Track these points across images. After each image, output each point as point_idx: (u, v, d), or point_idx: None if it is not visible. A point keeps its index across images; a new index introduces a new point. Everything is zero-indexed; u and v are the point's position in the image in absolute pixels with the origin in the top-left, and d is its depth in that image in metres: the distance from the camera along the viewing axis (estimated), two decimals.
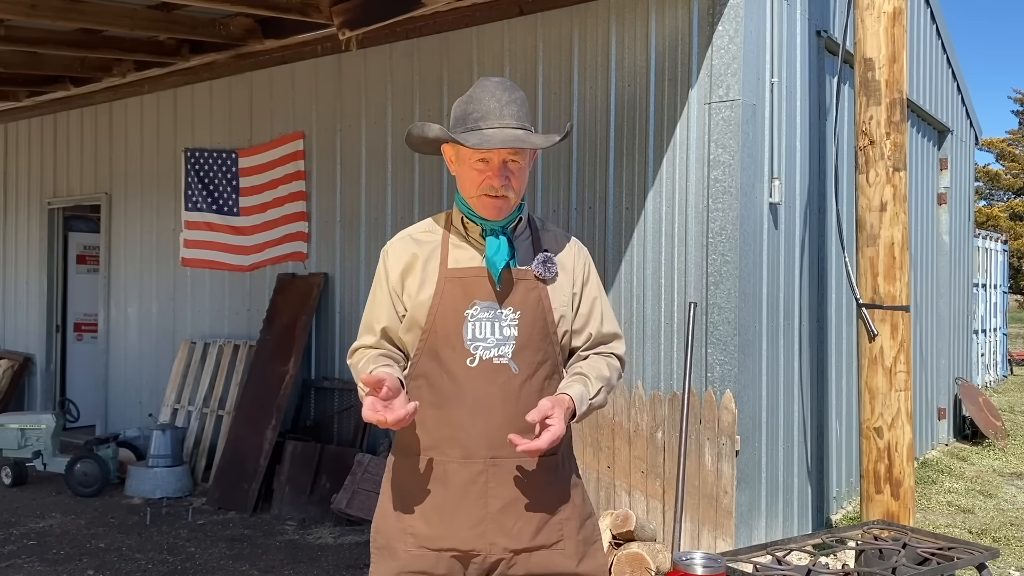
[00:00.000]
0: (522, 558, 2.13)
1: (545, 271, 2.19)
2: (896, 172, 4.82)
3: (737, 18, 4.85)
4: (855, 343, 5.14)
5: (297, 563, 5.16)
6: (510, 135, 2.09)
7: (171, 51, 6.96)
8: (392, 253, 2.24)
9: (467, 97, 2.16)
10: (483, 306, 2.15)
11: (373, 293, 2.27)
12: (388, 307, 2.22)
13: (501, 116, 2.10)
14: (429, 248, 2.21)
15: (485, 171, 2.11)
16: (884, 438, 4.79)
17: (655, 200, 5.14)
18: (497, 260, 2.14)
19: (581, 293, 2.26)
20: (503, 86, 2.15)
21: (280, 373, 6.54)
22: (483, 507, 2.11)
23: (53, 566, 5.11)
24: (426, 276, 2.18)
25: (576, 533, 2.20)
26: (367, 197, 6.54)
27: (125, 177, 8.19)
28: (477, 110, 2.12)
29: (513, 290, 2.16)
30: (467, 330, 2.13)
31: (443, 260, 2.18)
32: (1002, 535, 5.92)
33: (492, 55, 5.86)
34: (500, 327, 2.14)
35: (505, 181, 2.11)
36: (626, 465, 5.12)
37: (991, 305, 13.68)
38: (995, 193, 41.77)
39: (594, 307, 2.27)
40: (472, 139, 2.08)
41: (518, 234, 2.24)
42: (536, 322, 2.16)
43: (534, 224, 2.29)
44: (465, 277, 2.16)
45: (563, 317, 2.21)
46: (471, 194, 2.16)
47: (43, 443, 7.04)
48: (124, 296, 8.21)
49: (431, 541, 2.13)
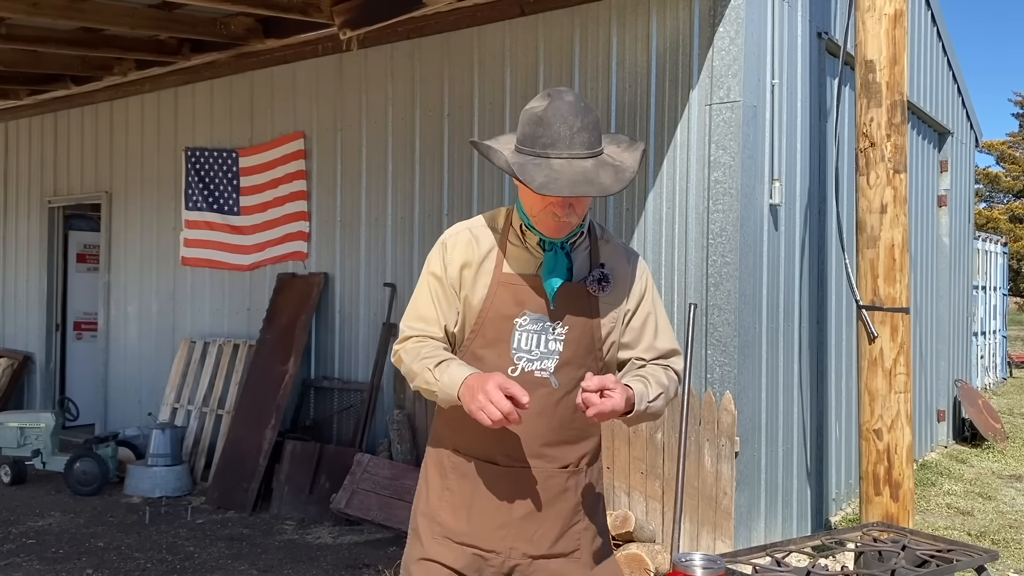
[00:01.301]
0: (540, 564, 2.16)
1: (599, 289, 2.14)
2: (896, 174, 4.82)
3: (738, 20, 4.85)
4: (855, 345, 5.14)
5: (296, 563, 5.16)
6: (578, 173, 1.95)
7: (172, 50, 6.96)
8: (452, 246, 2.17)
9: (538, 117, 2.01)
10: (533, 317, 2.11)
11: (427, 283, 2.18)
12: (444, 301, 2.16)
13: (571, 145, 1.97)
14: (486, 247, 2.16)
15: (548, 198, 2.01)
16: (883, 440, 4.79)
17: (655, 201, 5.15)
18: (553, 279, 2.09)
19: (635, 309, 2.21)
20: (575, 109, 2.00)
21: (280, 372, 6.54)
22: (508, 512, 2.15)
23: (52, 565, 5.11)
24: (480, 275, 2.14)
25: (591, 543, 2.23)
26: (367, 197, 6.54)
27: (125, 176, 8.19)
28: (546, 135, 1.99)
29: (563, 302, 2.12)
30: (514, 339, 2.11)
31: (499, 263, 2.14)
32: (1001, 537, 5.92)
33: (493, 55, 5.86)
34: (546, 340, 2.12)
35: (568, 209, 2.04)
36: (625, 466, 5.12)
37: (991, 307, 13.67)
38: (995, 195, 41.77)
39: (647, 322, 2.22)
40: (538, 176, 1.95)
41: (576, 245, 2.17)
42: (583, 338, 2.14)
43: (594, 234, 2.21)
44: (518, 284, 2.12)
45: (611, 333, 2.17)
46: (533, 212, 2.08)
47: (42, 442, 7.04)
48: (124, 295, 8.21)
49: (455, 534, 2.17)
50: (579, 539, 2.20)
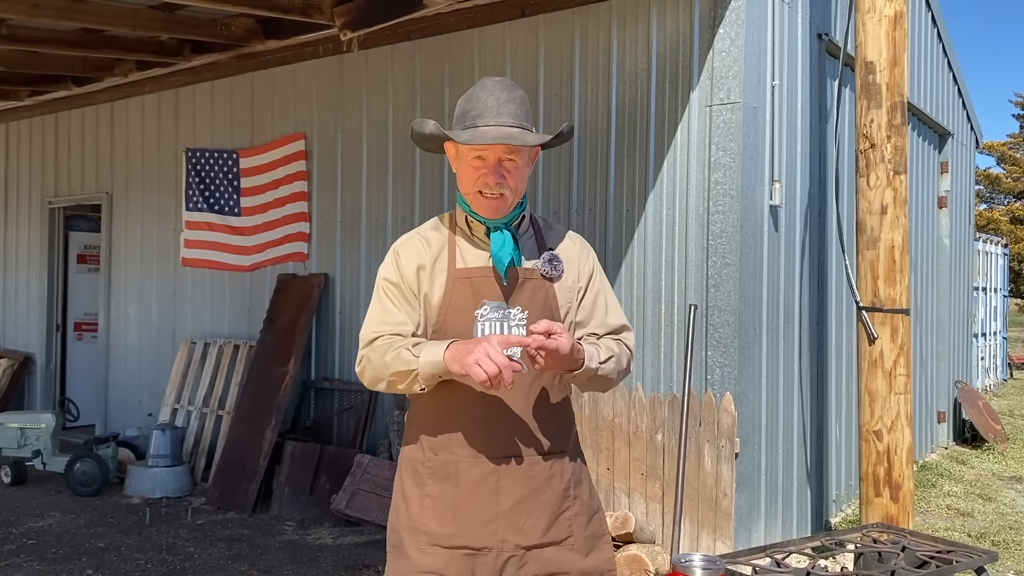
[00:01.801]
0: (533, 554, 2.15)
1: (552, 269, 2.21)
2: (897, 175, 4.82)
3: (738, 21, 4.86)
4: (855, 346, 5.14)
5: (296, 563, 5.16)
6: (503, 132, 2.10)
7: (173, 51, 6.96)
8: (404, 252, 2.23)
9: (467, 95, 2.18)
10: (492, 306, 2.16)
11: (384, 292, 2.20)
12: (406, 303, 2.18)
13: (498, 114, 2.12)
14: (437, 247, 2.21)
15: (481, 168, 2.12)
16: (884, 441, 4.79)
17: (655, 202, 5.15)
18: (503, 255, 2.14)
19: (586, 287, 2.27)
20: (502, 85, 2.17)
21: (280, 373, 6.54)
22: (495, 505, 2.14)
23: (52, 565, 5.11)
24: (435, 275, 2.18)
25: (584, 528, 2.22)
26: (368, 198, 6.54)
27: (126, 177, 8.20)
28: (475, 108, 2.14)
29: (520, 289, 2.18)
30: (477, 330, 2.14)
31: (451, 260, 2.19)
32: (1001, 539, 5.92)
33: (493, 57, 5.86)
34: (509, 327, 2.15)
35: (500, 179, 2.12)
36: (626, 467, 5.12)
37: (991, 309, 13.67)
38: (996, 197, 41.78)
39: (598, 299, 2.28)
40: (465, 135, 2.10)
41: (522, 232, 2.24)
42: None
43: (537, 223, 2.30)
44: (474, 277, 2.17)
45: (568, 313, 2.23)
46: (468, 190, 2.17)
47: (43, 442, 7.05)
48: (124, 296, 8.21)
49: (443, 539, 2.14)
50: (571, 526, 2.20)
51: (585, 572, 2.19)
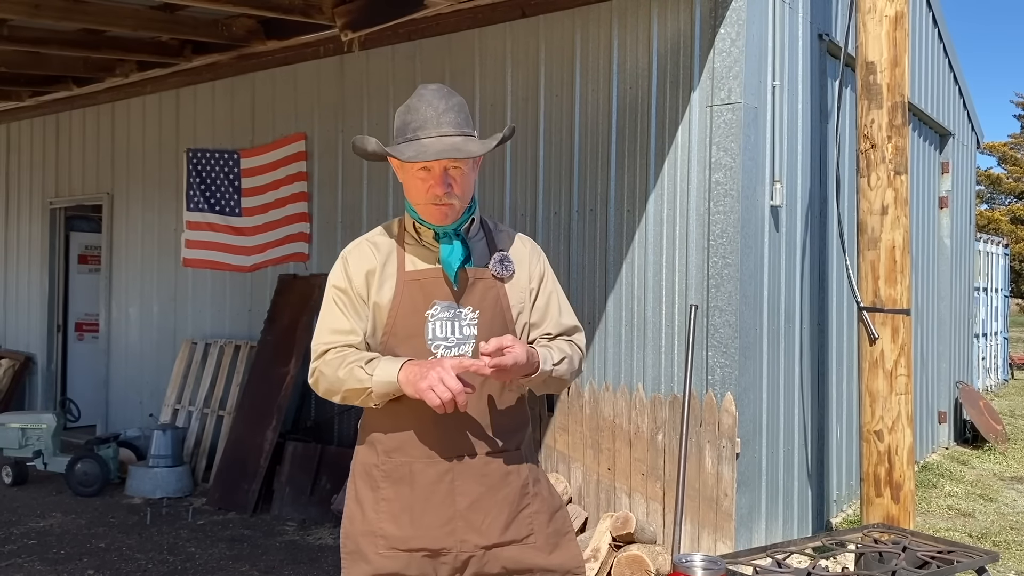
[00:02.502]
0: (493, 554, 2.15)
1: (503, 269, 2.23)
2: (897, 175, 4.82)
3: (739, 21, 4.86)
4: (856, 346, 5.14)
5: (297, 564, 5.16)
6: (447, 144, 2.09)
7: (174, 52, 6.97)
8: (352, 258, 2.25)
9: (405, 107, 2.17)
10: (443, 306, 2.17)
11: (333, 300, 2.22)
12: (354, 311, 2.20)
13: (439, 124, 2.12)
14: (386, 252, 2.23)
15: (428, 179, 2.13)
16: (884, 441, 4.79)
17: (656, 203, 5.15)
18: (452, 261, 2.16)
19: (538, 288, 2.29)
20: (439, 94, 2.16)
21: (281, 374, 6.54)
22: (451, 505, 2.13)
23: (53, 566, 5.12)
24: (384, 279, 2.19)
25: (546, 526, 2.22)
26: (368, 198, 6.55)
27: (127, 177, 8.20)
28: (415, 120, 2.14)
29: (471, 290, 2.19)
30: (428, 330, 2.15)
31: (400, 264, 2.21)
32: (1002, 539, 5.92)
33: (494, 57, 5.87)
34: (460, 326, 2.17)
35: (448, 189, 2.13)
36: (626, 467, 5.12)
37: (992, 309, 13.68)
38: (996, 197, 41.79)
39: (551, 301, 2.30)
40: (408, 151, 2.10)
41: (472, 235, 2.26)
42: (495, 320, 2.19)
43: (487, 225, 2.32)
44: (424, 279, 2.19)
45: (521, 313, 2.24)
46: (417, 202, 2.18)
47: (44, 443, 7.05)
48: (125, 296, 8.22)
49: (401, 542, 2.14)
50: (531, 523, 2.19)
51: (549, 570, 2.19)
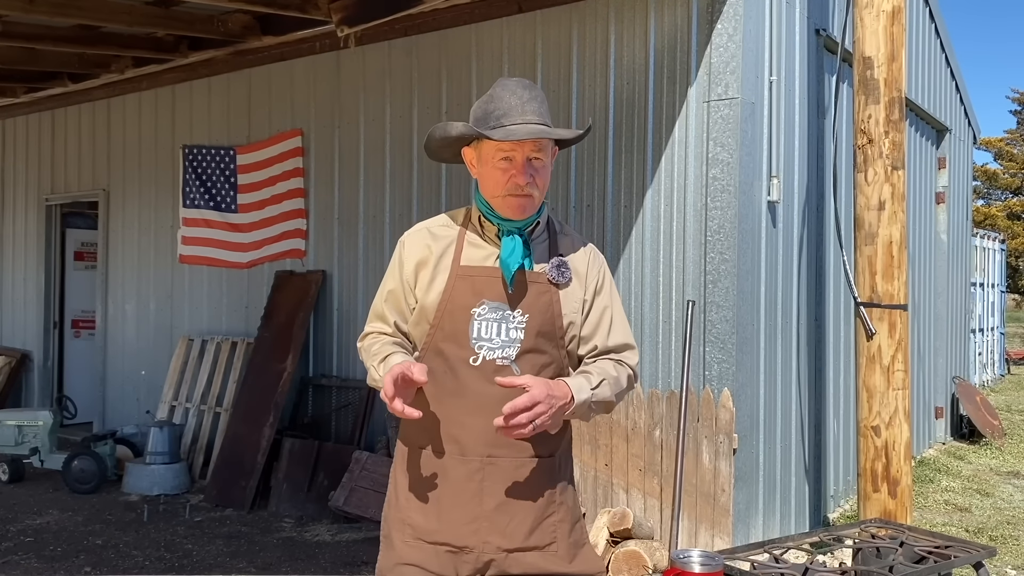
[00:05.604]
0: (515, 557, 2.13)
1: (559, 275, 2.17)
2: (894, 171, 4.82)
3: (736, 16, 4.85)
4: (853, 342, 5.14)
5: (294, 560, 5.16)
6: (535, 128, 2.08)
7: (169, 47, 6.95)
8: (409, 244, 2.24)
9: (487, 97, 2.15)
10: (491, 306, 2.14)
11: (386, 281, 2.27)
12: (399, 298, 2.23)
13: (524, 112, 2.09)
14: (444, 243, 2.20)
15: (509, 169, 2.09)
16: (882, 437, 4.79)
17: (654, 198, 5.14)
18: (511, 262, 2.12)
19: (592, 301, 2.23)
20: (523, 84, 2.14)
21: (278, 370, 6.53)
22: (478, 504, 2.12)
23: (50, 563, 5.11)
24: (438, 271, 2.17)
25: (568, 535, 2.20)
26: (365, 194, 6.53)
27: (123, 174, 8.18)
28: (499, 108, 2.11)
29: (525, 293, 2.15)
30: (473, 328, 2.13)
31: (456, 256, 2.18)
32: (999, 534, 5.93)
33: (491, 53, 5.85)
34: (507, 328, 2.13)
35: (530, 179, 2.10)
36: (624, 463, 5.12)
37: (989, 304, 13.69)
38: (993, 192, 41.81)
39: (603, 316, 2.24)
40: (498, 133, 2.07)
41: (535, 236, 2.21)
42: (544, 326, 2.15)
43: (552, 227, 2.27)
44: (476, 276, 2.16)
45: (572, 323, 2.19)
46: (496, 194, 2.13)
47: (40, 440, 7.04)
48: (122, 293, 8.20)
49: (426, 534, 2.15)
50: (555, 532, 2.17)
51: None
